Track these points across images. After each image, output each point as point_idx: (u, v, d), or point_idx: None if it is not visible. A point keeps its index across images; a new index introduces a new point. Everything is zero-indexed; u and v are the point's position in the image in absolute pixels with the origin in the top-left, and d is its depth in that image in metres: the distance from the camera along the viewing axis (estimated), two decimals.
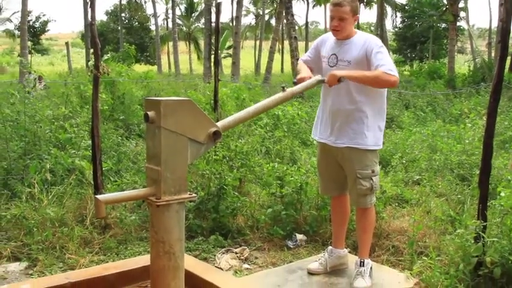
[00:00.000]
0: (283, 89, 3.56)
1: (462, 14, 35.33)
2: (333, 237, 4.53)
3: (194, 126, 3.10)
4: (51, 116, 7.89)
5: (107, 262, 4.87)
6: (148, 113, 3.01)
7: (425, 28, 43.83)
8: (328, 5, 4.06)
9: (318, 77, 3.98)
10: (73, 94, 10.24)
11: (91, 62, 6.41)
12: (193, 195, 3.21)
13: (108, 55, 18.66)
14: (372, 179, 4.09)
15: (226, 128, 3.49)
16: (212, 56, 15.07)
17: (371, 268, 4.17)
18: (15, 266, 4.88)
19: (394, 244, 5.03)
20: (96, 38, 5.43)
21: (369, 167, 4.09)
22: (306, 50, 46.81)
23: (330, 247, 4.47)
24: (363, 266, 4.12)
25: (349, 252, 4.75)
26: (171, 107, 3.01)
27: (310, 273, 4.29)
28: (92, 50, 6.65)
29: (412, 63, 43.32)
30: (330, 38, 4.18)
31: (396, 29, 49.23)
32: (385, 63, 3.85)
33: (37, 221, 5.35)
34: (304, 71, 4.14)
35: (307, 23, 52.22)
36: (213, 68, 8.20)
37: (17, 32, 45.97)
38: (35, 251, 5.02)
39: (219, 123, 3.30)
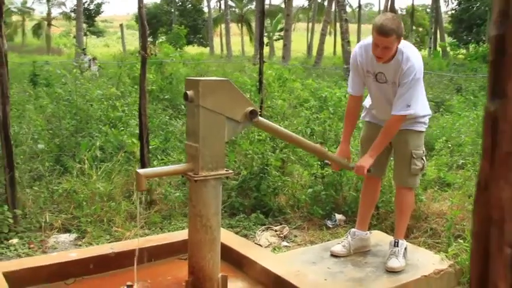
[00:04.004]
0: (321, 144, 3.78)
1: None
2: (358, 219, 4.55)
3: (231, 105, 3.23)
4: (101, 95, 8.16)
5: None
6: (187, 92, 3.16)
7: (482, 10, 42.67)
8: (372, 29, 3.93)
9: (350, 165, 4.24)
10: (125, 75, 10.51)
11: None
12: (230, 171, 3.35)
13: (163, 38, 18.95)
14: (423, 158, 4.18)
15: (259, 126, 3.63)
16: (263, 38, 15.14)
17: (405, 249, 4.21)
18: (65, 237, 5.14)
19: (432, 227, 5.05)
20: (144, 20, 5.60)
21: (421, 147, 4.18)
22: (359, 32, 46.20)
23: (352, 229, 4.49)
24: (397, 246, 4.17)
25: (386, 233, 4.82)
26: (209, 87, 3.15)
27: (334, 255, 4.35)
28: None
29: (467, 46, 42.34)
30: (369, 51, 3.99)
31: (452, 11, 48.07)
32: (402, 102, 3.87)
33: (86, 196, 5.60)
34: (344, 141, 4.31)
35: (360, 5, 51.47)
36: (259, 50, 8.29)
37: (73, 15, 47.01)
38: (84, 224, 5.27)
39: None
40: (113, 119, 7.45)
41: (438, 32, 40.19)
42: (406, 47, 3.93)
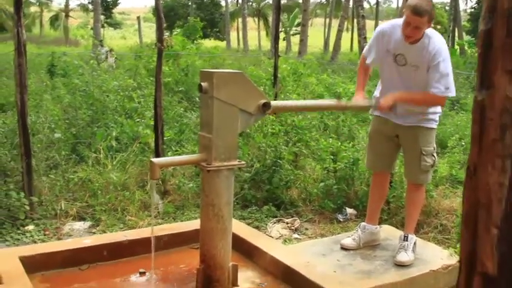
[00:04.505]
0: (338, 98, 3.73)
1: None
2: (367, 213, 4.59)
3: (245, 98, 3.29)
4: (118, 86, 8.25)
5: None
6: (202, 83, 3.22)
7: None
8: (405, 10, 3.96)
9: (372, 103, 4.11)
10: (142, 67, 10.60)
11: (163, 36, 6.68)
12: (242, 162, 3.42)
13: (178, 30, 19.00)
14: (433, 155, 4.19)
15: (276, 110, 3.67)
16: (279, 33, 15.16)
17: (415, 243, 4.24)
18: (80, 225, 5.24)
19: (442, 222, 5.09)
20: (161, 12, 5.68)
21: (431, 144, 4.18)
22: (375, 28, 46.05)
23: (362, 223, 4.53)
24: (407, 240, 4.20)
25: (396, 228, 4.86)
26: (223, 79, 3.21)
27: (343, 248, 4.40)
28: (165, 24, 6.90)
29: None
30: (394, 32, 4.05)
31: (471, 9, 47.72)
32: (441, 83, 3.87)
33: (101, 185, 5.70)
34: (359, 90, 4.25)
35: (378, 2, 51.20)
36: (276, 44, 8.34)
37: (90, 6, 47.22)
38: (98, 212, 5.37)
39: (272, 103, 3.46)
40: (129, 110, 7.54)
41: (456, 30, 39.90)
42: (433, 33, 3.99)
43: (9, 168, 5.74)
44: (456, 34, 40.17)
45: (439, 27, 46.63)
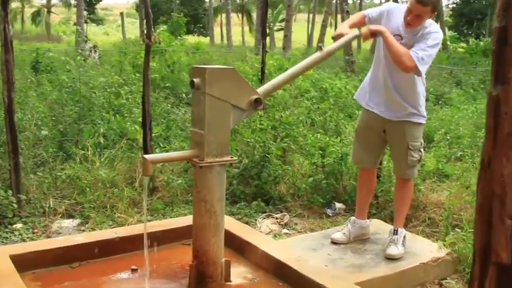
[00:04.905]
0: (320, 49, 3.69)
1: None
2: (356, 208, 4.64)
3: (237, 93, 3.30)
4: (105, 83, 8.21)
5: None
6: (194, 79, 3.22)
7: (483, 4, 42.62)
8: None
9: (355, 32, 4.06)
10: (127, 63, 10.56)
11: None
12: (234, 158, 3.42)
13: (164, 26, 18.91)
14: (420, 150, 4.23)
15: (268, 94, 3.64)
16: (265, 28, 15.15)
17: (404, 237, 4.29)
18: (69, 222, 5.22)
19: (430, 216, 5.14)
20: (149, 8, 5.65)
21: (419, 139, 4.23)
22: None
23: (352, 217, 4.58)
24: (397, 234, 4.25)
25: (385, 222, 4.90)
26: (215, 75, 3.21)
27: (334, 242, 4.44)
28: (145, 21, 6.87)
29: (467, 40, 42.34)
30: (398, 15, 4.10)
31: (453, 5, 48.00)
32: (422, 50, 3.90)
33: (89, 182, 5.68)
34: (343, 26, 4.21)
35: None
36: (262, 40, 8.34)
37: (72, 1, 46.86)
38: (87, 209, 5.34)
39: (260, 89, 3.46)
40: (116, 106, 7.50)
41: (439, 25, 40.12)
42: (433, 23, 4.07)
43: None
44: None
45: None
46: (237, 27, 53.94)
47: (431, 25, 4.04)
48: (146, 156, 3.21)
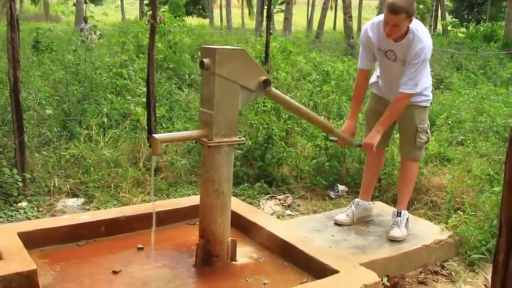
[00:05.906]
0: (328, 119, 3.92)
1: None
2: (361, 189, 4.68)
3: (246, 74, 3.32)
4: (109, 63, 8.21)
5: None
6: (204, 60, 3.24)
7: None
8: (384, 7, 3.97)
9: (357, 143, 4.34)
10: (129, 43, 10.53)
11: (150, 12, 6.64)
12: (242, 138, 3.45)
13: (165, 7, 18.83)
14: (427, 132, 4.29)
15: (271, 96, 3.69)
16: (265, 11, 15.10)
17: (407, 219, 4.33)
18: (73, 202, 5.25)
19: (432, 199, 5.17)
20: None
21: (425, 122, 4.29)
22: (360, 8, 45.83)
23: (356, 199, 4.62)
24: (400, 216, 4.29)
25: (388, 205, 4.94)
26: (225, 55, 3.23)
27: (337, 224, 4.48)
28: (145, 1, 6.85)
29: (468, 25, 42.25)
30: (379, 30, 4.07)
31: None
32: (412, 80, 3.97)
33: (94, 161, 5.71)
34: (351, 118, 4.40)
35: None
36: (265, 22, 8.32)
37: None
38: (91, 189, 5.38)
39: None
40: (119, 86, 7.50)
41: (440, 10, 39.93)
42: (418, 26, 4.00)
43: (1, 145, 5.71)
44: (439, 14, 40.23)
45: (421, 7, 46.70)
46: (236, 10, 53.64)
47: (416, 34, 3.95)
48: (156, 135, 3.24)
